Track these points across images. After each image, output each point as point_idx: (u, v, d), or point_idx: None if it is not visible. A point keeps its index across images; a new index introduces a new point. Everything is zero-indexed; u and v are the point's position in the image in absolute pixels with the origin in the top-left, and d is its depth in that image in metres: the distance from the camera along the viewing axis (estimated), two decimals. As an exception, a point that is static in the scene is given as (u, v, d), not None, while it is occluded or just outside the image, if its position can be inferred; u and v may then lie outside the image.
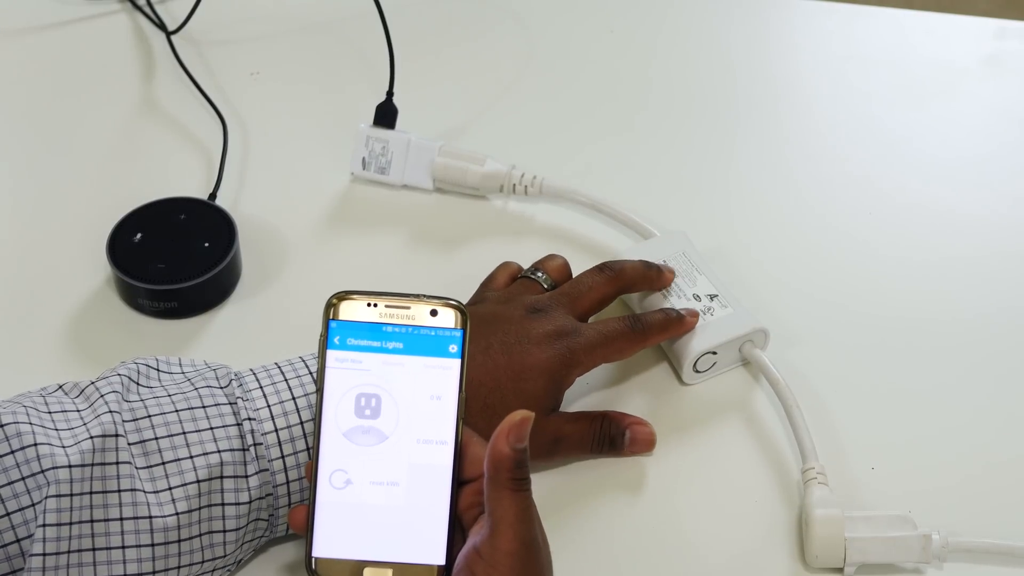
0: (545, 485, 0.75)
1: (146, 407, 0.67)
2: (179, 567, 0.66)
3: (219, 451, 0.66)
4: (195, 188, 0.92)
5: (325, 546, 0.62)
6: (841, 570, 0.72)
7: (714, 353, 0.80)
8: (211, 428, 0.67)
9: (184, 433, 0.66)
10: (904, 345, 0.84)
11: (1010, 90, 1.03)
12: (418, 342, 0.63)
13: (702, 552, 0.74)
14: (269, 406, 0.68)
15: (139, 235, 0.85)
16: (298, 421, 0.68)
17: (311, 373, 0.69)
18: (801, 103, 1.02)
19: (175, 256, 0.84)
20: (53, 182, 0.93)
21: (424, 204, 0.92)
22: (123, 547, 0.64)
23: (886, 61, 1.05)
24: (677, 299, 0.81)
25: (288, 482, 0.68)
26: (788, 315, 0.84)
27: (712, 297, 0.82)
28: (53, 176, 0.94)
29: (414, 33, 1.01)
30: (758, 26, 1.09)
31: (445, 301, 0.64)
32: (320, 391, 0.63)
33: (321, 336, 0.63)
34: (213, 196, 0.90)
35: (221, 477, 0.66)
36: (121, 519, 0.64)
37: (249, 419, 0.67)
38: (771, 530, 0.74)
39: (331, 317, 0.63)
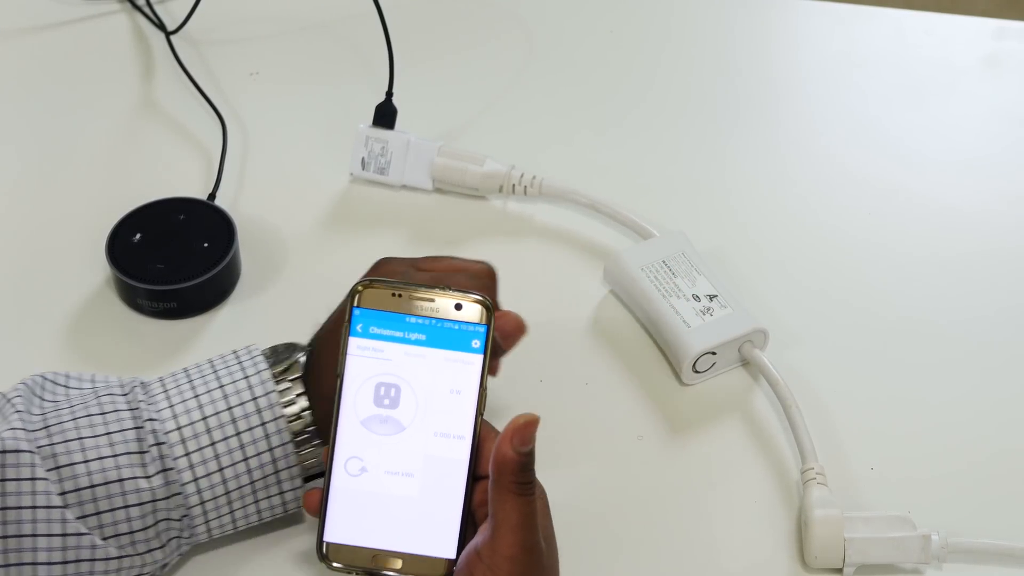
0: (543, 485, 0.75)
1: (44, 419, 0.66)
2: (92, 573, 0.65)
3: (115, 455, 0.66)
4: (194, 188, 0.92)
5: (337, 532, 0.62)
6: (840, 570, 0.72)
7: (713, 353, 0.80)
8: (108, 433, 0.66)
9: (80, 439, 0.66)
10: (904, 345, 0.84)
11: (1010, 90, 1.03)
12: (441, 335, 0.63)
13: (701, 552, 0.74)
14: (172, 406, 0.67)
15: (138, 235, 0.85)
16: (200, 417, 0.67)
17: (215, 372, 0.69)
18: (801, 103, 1.02)
19: (174, 256, 0.84)
20: (52, 182, 0.93)
21: (424, 204, 0.92)
22: (35, 549, 0.64)
23: (886, 61, 1.05)
24: (677, 299, 0.81)
25: (196, 479, 0.66)
26: (788, 315, 0.84)
27: (712, 297, 0.82)
28: (52, 176, 0.94)
29: (414, 33, 1.01)
30: (758, 26, 1.09)
31: (470, 296, 0.63)
32: (340, 377, 0.63)
33: (345, 322, 0.63)
34: (212, 196, 0.90)
35: (120, 480, 0.65)
36: (34, 521, 0.64)
37: (150, 420, 0.66)
38: (771, 530, 0.74)
39: (355, 304, 0.63)
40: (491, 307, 0.63)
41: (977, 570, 0.73)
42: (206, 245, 0.85)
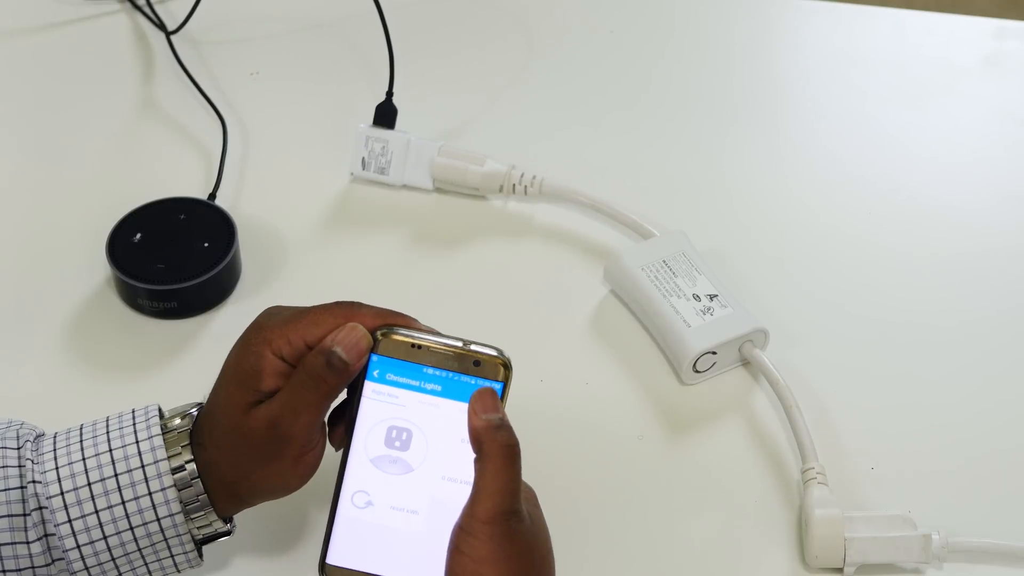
0: (543, 486, 0.75)
1: None
2: None
3: None
4: (195, 188, 0.92)
5: (339, 555, 0.63)
6: (841, 570, 0.72)
7: (714, 353, 0.80)
8: None
9: None
10: (904, 345, 0.84)
11: (1010, 90, 1.03)
12: (456, 387, 0.63)
13: (702, 552, 0.73)
14: (57, 468, 0.64)
15: (139, 235, 0.85)
16: (85, 483, 0.63)
17: (107, 433, 0.65)
18: (801, 103, 1.02)
19: (175, 256, 0.84)
20: (53, 182, 0.93)
21: (424, 204, 0.92)
22: None
23: (886, 61, 1.05)
24: (678, 299, 0.81)
25: (79, 546, 0.63)
26: (788, 315, 0.84)
27: (712, 297, 0.82)
28: (53, 176, 0.94)
29: (414, 33, 1.01)
30: (759, 26, 1.09)
31: (489, 353, 0.63)
32: (353, 416, 0.63)
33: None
34: (213, 196, 0.90)
35: None
36: None
37: (34, 482, 0.63)
38: (771, 530, 0.74)
39: (373, 351, 0.63)
40: (510, 365, 0.63)
41: (977, 570, 0.72)
42: (206, 245, 0.85)
